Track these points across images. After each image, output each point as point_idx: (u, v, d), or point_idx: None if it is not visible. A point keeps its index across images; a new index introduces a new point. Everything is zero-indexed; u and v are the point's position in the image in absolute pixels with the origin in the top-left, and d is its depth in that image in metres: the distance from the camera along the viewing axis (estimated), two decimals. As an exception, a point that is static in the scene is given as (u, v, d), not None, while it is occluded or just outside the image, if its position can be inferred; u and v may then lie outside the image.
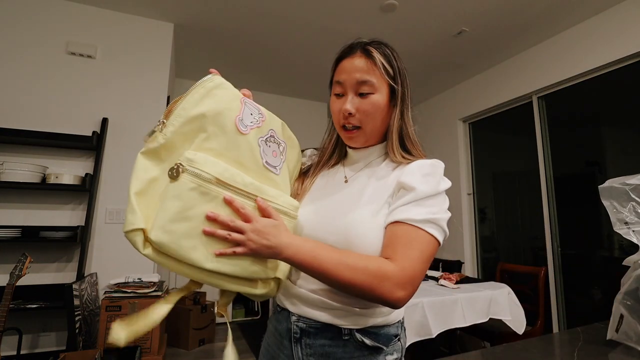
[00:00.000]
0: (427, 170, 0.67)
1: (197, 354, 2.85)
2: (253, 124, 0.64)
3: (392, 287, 0.57)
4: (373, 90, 0.69)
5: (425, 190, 0.64)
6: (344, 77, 0.71)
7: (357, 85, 0.69)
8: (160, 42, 2.71)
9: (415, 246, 0.61)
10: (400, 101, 0.73)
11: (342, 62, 0.73)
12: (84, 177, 2.27)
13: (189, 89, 0.61)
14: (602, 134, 2.76)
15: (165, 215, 0.54)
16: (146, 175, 0.57)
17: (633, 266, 0.82)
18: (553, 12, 2.56)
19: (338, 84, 0.72)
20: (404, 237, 0.61)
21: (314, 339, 0.68)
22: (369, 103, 0.69)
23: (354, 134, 0.72)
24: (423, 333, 1.73)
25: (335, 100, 0.74)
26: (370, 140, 0.75)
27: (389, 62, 0.71)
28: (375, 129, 0.73)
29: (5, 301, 1.67)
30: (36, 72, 2.34)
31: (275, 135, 0.69)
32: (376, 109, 0.70)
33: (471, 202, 3.71)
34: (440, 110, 4.10)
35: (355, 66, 0.70)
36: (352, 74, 0.70)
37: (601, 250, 2.65)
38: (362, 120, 0.70)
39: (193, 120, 0.59)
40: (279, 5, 2.52)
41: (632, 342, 0.79)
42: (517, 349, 0.84)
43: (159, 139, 0.59)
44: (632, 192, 0.79)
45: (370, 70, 0.69)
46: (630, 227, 0.77)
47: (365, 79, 0.69)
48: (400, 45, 3.06)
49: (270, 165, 0.66)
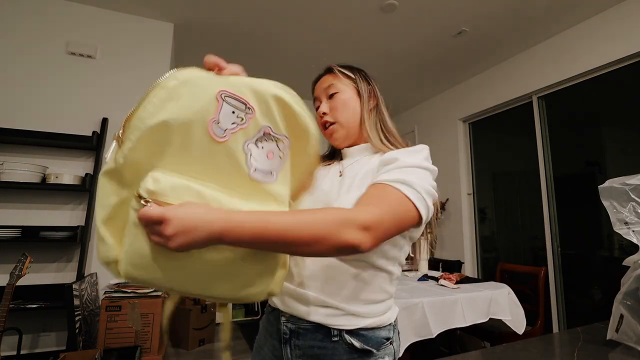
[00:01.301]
0: (411, 148, 0.72)
1: (197, 354, 2.85)
2: (236, 126, 0.51)
3: (353, 230, 0.52)
4: (337, 90, 0.82)
5: (408, 161, 0.66)
6: (316, 92, 0.86)
7: (325, 91, 0.83)
8: (160, 42, 2.71)
9: (384, 199, 0.59)
10: (368, 96, 0.83)
11: (314, 85, 0.89)
12: (84, 177, 2.27)
13: (148, 90, 0.49)
14: (602, 134, 2.76)
15: (130, 250, 0.48)
16: (109, 201, 0.49)
17: (633, 266, 0.82)
18: (553, 12, 2.56)
19: (315, 100, 0.87)
20: (374, 193, 0.61)
21: (303, 339, 0.68)
22: (336, 100, 0.82)
23: (332, 129, 0.82)
24: (423, 333, 1.73)
25: (316, 114, 0.85)
26: (351, 135, 0.82)
27: (349, 69, 0.85)
28: (351, 123, 0.81)
29: (5, 301, 1.67)
30: (36, 72, 2.34)
31: (271, 130, 0.54)
32: (344, 104, 0.81)
33: (471, 202, 3.71)
34: (440, 110, 4.10)
35: (323, 81, 0.86)
36: (320, 85, 0.86)
37: (601, 250, 2.65)
38: (334, 116, 0.81)
39: (153, 131, 0.47)
40: (280, 6, 2.52)
41: (632, 342, 0.79)
42: (517, 349, 0.84)
43: (118, 159, 0.48)
44: (632, 192, 0.79)
45: (332, 78, 0.84)
46: (630, 227, 0.77)
47: (330, 83, 0.83)
48: (401, 45, 3.07)
49: (261, 172, 0.53)
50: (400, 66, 3.45)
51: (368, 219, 0.54)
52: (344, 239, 0.52)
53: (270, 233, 0.48)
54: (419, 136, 4.39)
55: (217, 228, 0.45)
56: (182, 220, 0.44)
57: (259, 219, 0.48)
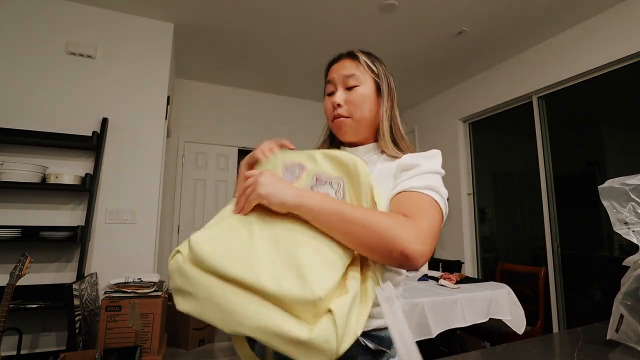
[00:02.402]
0: (429, 154, 0.71)
1: (197, 354, 2.85)
2: (293, 178, 0.67)
3: (411, 236, 0.53)
4: (358, 83, 0.76)
5: (429, 167, 0.67)
6: (333, 75, 0.79)
7: (344, 80, 0.77)
8: (160, 42, 2.71)
9: (422, 207, 0.61)
10: (387, 95, 0.79)
11: (331, 67, 0.82)
12: (84, 177, 2.27)
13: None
14: (602, 134, 2.76)
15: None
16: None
17: (633, 266, 0.82)
18: (553, 12, 2.56)
19: (329, 82, 0.80)
20: (410, 201, 0.62)
21: None
22: (355, 94, 0.76)
23: (342, 121, 0.77)
24: (423, 333, 1.73)
25: (327, 99, 0.81)
26: (360, 133, 0.78)
27: (372, 62, 0.80)
28: (364, 120, 0.77)
29: (5, 301, 1.67)
30: (36, 72, 2.35)
31: (321, 177, 0.66)
32: (363, 100, 0.76)
33: (471, 202, 3.71)
34: (440, 110, 4.10)
35: (343, 65, 0.79)
36: (339, 71, 0.78)
37: (601, 250, 2.65)
38: (350, 110, 0.76)
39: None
40: (280, 6, 2.53)
41: (632, 342, 0.79)
42: (517, 349, 0.84)
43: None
44: (631, 193, 0.79)
45: (355, 67, 0.78)
46: (630, 228, 0.77)
47: (351, 73, 0.77)
48: (400, 45, 3.07)
49: None
50: (400, 66, 3.45)
51: (423, 232, 0.55)
52: (403, 243, 0.52)
53: (342, 216, 0.55)
54: (419, 136, 4.40)
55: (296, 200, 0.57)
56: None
57: (340, 207, 0.56)
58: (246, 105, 4.10)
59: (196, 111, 3.85)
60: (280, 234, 0.57)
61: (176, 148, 3.73)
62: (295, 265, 0.51)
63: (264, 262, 0.52)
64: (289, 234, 0.57)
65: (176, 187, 3.70)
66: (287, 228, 0.57)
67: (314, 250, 0.54)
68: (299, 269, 0.50)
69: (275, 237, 0.56)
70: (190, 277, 0.53)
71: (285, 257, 0.52)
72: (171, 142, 3.63)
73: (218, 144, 3.93)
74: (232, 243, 0.55)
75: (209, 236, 0.56)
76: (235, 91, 4.06)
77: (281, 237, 0.56)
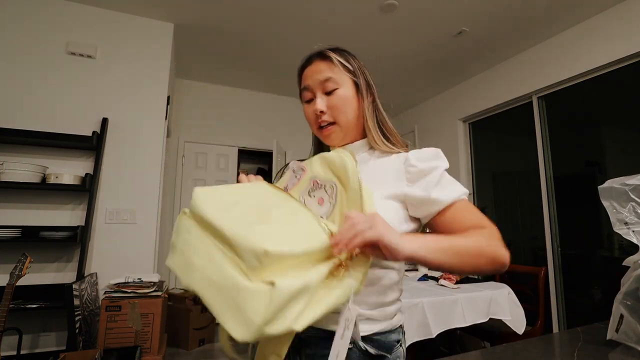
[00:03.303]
0: (436, 154, 0.70)
1: (197, 354, 2.85)
2: (293, 184, 0.73)
3: (502, 246, 0.60)
4: (337, 85, 0.73)
5: (444, 165, 0.69)
6: (308, 82, 0.75)
7: (321, 85, 0.73)
8: (160, 42, 2.71)
9: (478, 213, 0.66)
10: (367, 92, 0.76)
11: (304, 72, 0.77)
12: (84, 177, 2.27)
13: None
14: (602, 134, 2.76)
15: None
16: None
17: (633, 266, 0.82)
18: (553, 12, 2.56)
19: (305, 90, 0.76)
20: (466, 211, 0.66)
21: (315, 349, 0.65)
22: (336, 98, 0.73)
23: (330, 130, 0.75)
24: (423, 333, 1.73)
25: (307, 107, 0.77)
26: (348, 136, 0.77)
27: (345, 59, 0.76)
28: (350, 123, 0.75)
29: (5, 301, 1.67)
30: (36, 72, 2.34)
31: (318, 179, 0.70)
32: (345, 102, 0.73)
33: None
34: (440, 110, 4.10)
35: (317, 69, 0.75)
36: (314, 76, 0.74)
37: (601, 250, 2.65)
38: (334, 115, 0.74)
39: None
40: (279, 6, 2.53)
41: (632, 342, 0.79)
42: (517, 349, 0.84)
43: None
44: (631, 193, 0.79)
45: (330, 69, 0.74)
46: (630, 228, 0.77)
47: (328, 76, 0.73)
48: (400, 45, 3.07)
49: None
50: (400, 66, 3.45)
51: (500, 236, 0.62)
52: (500, 255, 0.60)
53: (448, 257, 0.56)
54: (419, 136, 4.39)
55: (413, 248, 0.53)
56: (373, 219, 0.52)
57: (439, 243, 0.57)
58: (246, 105, 4.10)
59: (196, 111, 3.85)
60: (280, 203, 0.60)
61: (176, 148, 3.73)
62: (265, 220, 0.52)
63: (240, 212, 0.53)
64: (288, 204, 0.60)
65: (176, 187, 3.70)
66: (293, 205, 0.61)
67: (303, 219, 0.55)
68: (266, 224, 0.50)
69: (273, 204, 0.59)
70: (178, 228, 0.55)
71: (262, 215, 0.54)
72: (171, 142, 3.63)
73: (218, 144, 3.93)
74: (226, 197, 0.57)
75: (211, 190, 0.58)
76: (235, 91, 4.06)
77: (277, 205, 0.59)
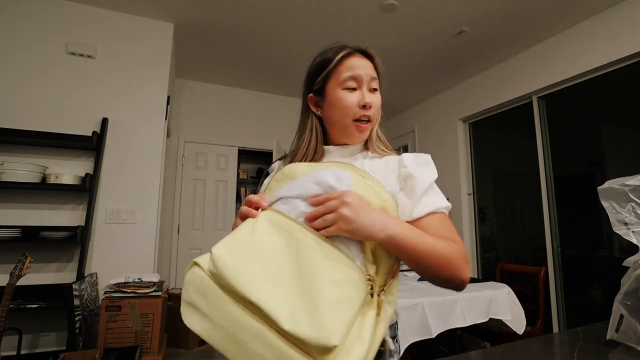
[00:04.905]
0: (425, 161, 0.71)
1: (197, 354, 2.86)
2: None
3: (466, 263, 0.60)
4: (378, 87, 0.76)
5: (432, 177, 0.69)
6: (359, 72, 0.73)
7: (370, 81, 0.74)
8: (160, 42, 2.71)
9: (452, 228, 0.66)
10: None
11: (350, 59, 0.75)
12: (84, 177, 2.27)
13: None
14: (602, 134, 2.76)
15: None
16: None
17: (633, 266, 0.82)
18: (553, 12, 2.56)
19: (352, 79, 0.74)
20: (445, 225, 0.65)
21: None
22: (377, 98, 0.76)
23: (367, 126, 0.75)
24: (423, 333, 1.73)
25: (348, 94, 0.74)
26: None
27: (380, 65, 0.78)
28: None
29: (5, 301, 1.67)
30: (36, 72, 2.34)
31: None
32: (380, 105, 0.77)
33: (471, 202, 3.71)
34: (440, 110, 4.10)
35: (367, 64, 0.75)
36: (366, 70, 0.74)
37: (601, 250, 2.65)
38: (374, 113, 0.75)
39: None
40: (279, 6, 2.52)
41: (632, 342, 0.79)
42: (517, 349, 0.84)
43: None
44: (631, 193, 0.79)
45: (373, 69, 0.76)
46: (630, 228, 0.77)
47: (374, 76, 0.75)
48: (400, 45, 3.07)
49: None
50: (400, 66, 3.45)
51: (467, 256, 0.61)
52: (465, 274, 0.59)
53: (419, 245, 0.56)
54: (419, 136, 4.39)
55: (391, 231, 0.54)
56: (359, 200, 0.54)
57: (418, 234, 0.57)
58: (246, 105, 4.09)
59: (196, 111, 3.85)
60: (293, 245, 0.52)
61: (176, 148, 3.73)
62: (311, 298, 0.46)
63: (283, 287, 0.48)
64: (305, 240, 0.52)
65: (176, 187, 3.70)
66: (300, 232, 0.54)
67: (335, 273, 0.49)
68: (315, 306, 0.46)
69: (292, 248, 0.52)
70: (208, 296, 0.48)
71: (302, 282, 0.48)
72: (171, 142, 3.63)
73: (218, 144, 3.93)
74: (252, 257, 0.51)
75: (230, 248, 0.51)
76: (235, 91, 4.06)
77: (295, 249, 0.52)
